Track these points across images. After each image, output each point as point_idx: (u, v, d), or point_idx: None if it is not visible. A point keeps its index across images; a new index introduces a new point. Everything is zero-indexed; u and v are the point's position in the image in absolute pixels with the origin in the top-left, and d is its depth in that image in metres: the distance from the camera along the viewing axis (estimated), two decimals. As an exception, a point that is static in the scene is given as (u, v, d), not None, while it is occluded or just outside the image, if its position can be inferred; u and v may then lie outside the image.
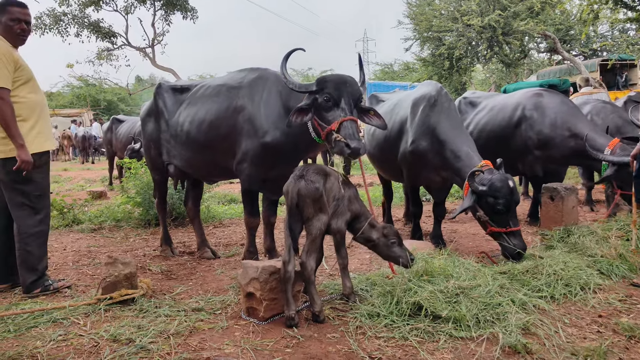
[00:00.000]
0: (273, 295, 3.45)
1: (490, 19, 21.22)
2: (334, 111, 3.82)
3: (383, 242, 3.74)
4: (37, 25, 28.65)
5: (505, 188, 4.40)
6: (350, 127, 3.73)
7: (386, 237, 3.73)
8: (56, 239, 6.61)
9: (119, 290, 3.74)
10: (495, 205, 4.42)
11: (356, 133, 3.73)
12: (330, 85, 3.86)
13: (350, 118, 3.76)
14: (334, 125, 3.74)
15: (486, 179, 4.45)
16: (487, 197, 4.42)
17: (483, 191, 4.42)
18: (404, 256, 3.74)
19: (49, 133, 4.29)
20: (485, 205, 4.46)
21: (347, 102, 3.83)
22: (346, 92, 3.85)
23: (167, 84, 5.46)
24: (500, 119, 6.25)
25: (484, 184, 4.43)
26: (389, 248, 3.75)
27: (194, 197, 5.76)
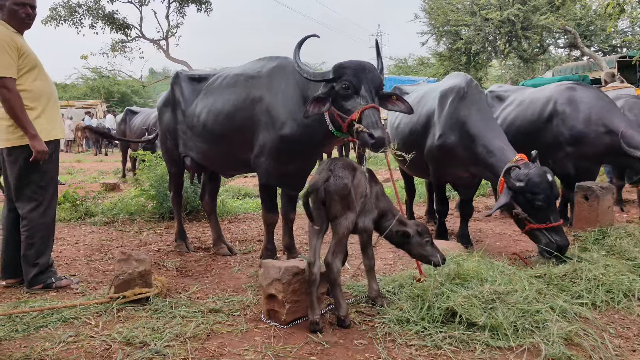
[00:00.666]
0: (296, 297, 3.23)
1: (509, 13, 20.80)
2: (354, 100, 3.56)
3: (417, 240, 3.50)
4: (52, 16, 28.68)
5: (544, 182, 4.14)
6: (372, 115, 3.46)
7: (420, 235, 3.50)
8: (68, 232, 6.46)
9: (132, 288, 3.55)
10: (534, 201, 4.16)
11: (379, 121, 3.48)
12: (349, 72, 3.60)
13: (372, 106, 3.49)
14: (354, 114, 3.48)
15: (523, 174, 4.20)
16: (525, 193, 4.16)
17: (521, 187, 4.16)
18: (437, 255, 3.50)
19: (56, 121, 4.10)
20: (524, 202, 4.20)
21: (367, 89, 3.56)
22: (366, 78, 3.59)
23: (184, 72, 5.25)
24: (530, 113, 5.96)
25: (521, 180, 4.18)
26: (422, 247, 3.51)
27: (211, 191, 5.56)
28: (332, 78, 3.64)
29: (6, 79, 3.71)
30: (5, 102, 3.74)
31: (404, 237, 3.51)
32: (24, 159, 3.87)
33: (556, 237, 4.22)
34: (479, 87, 4.96)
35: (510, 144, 4.63)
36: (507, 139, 4.62)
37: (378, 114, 3.51)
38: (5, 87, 3.71)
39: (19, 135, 3.85)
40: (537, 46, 23.98)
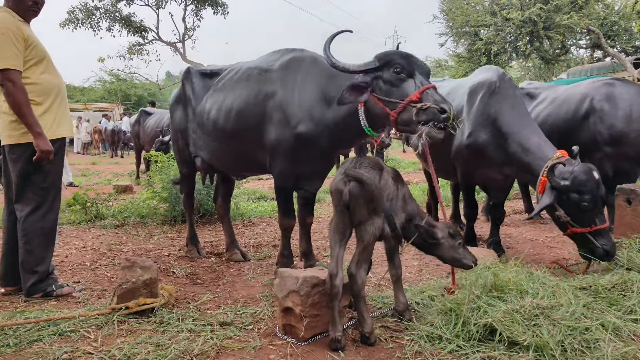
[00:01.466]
0: (315, 311, 2.90)
1: (531, 13, 20.29)
2: (409, 82, 3.31)
3: (449, 243, 3.17)
4: (69, 19, 28.81)
5: (592, 181, 3.77)
6: (435, 93, 3.25)
7: (452, 238, 3.16)
8: (77, 235, 6.21)
9: (136, 298, 3.25)
10: (580, 202, 3.78)
11: (445, 98, 3.25)
12: (398, 57, 3.37)
13: (432, 85, 3.28)
14: (414, 95, 3.20)
15: (567, 171, 3.82)
16: (571, 192, 3.78)
17: (566, 186, 3.78)
18: (469, 258, 3.19)
19: (64, 119, 3.82)
20: (568, 203, 3.82)
21: (421, 72, 3.35)
22: (417, 64, 3.37)
23: (196, 68, 4.96)
24: (564, 111, 5.56)
25: (565, 178, 3.80)
26: (454, 250, 3.18)
27: (224, 194, 5.26)
28: (377, 67, 3.38)
29: (11, 71, 3.44)
30: (9, 97, 3.46)
31: (435, 241, 3.17)
32: (26, 157, 3.60)
33: (602, 242, 3.83)
34: (513, 82, 4.58)
35: (545, 142, 4.25)
36: (544, 136, 4.24)
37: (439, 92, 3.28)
38: (10, 80, 3.43)
39: (22, 132, 3.58)
40: (558, 47, 23.39)
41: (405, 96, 3.26)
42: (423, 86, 3.25)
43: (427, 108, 3.15)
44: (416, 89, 3.24)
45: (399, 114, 3.29)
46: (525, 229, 6.22)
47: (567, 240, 5.52)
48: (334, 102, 3.67)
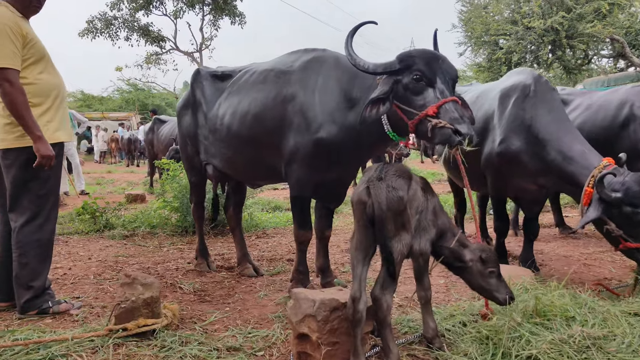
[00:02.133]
0: (334, 338, 2.56)
1: (553, 21, 19.86)
2: (428, 92, 2.93)
3: (478, 269, 2.78)
4: (88, 29, 29.06)
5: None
6: (454, 109, 2.84)
7: (484, 264, 2.77)
8: (83, 246, 5.96)
9: (136, 319, 2.94)
10: (634, 215, 3.39)
11: (465, 116, 2.85)
12: (420, 60, 2.97)
13: (452, 99, 2.87)
14: (430, 109, 2.84)
15: (617, 182, 3.44)
16: (623, 205, 3.40)
17: (618, 199, 3.40)
18: (502, 291, 2.77)
19: (63, 122, 3.54)
20: (619, 216, 3.43)
21: (443, 80, 2.94)
22: (440, 69, 2.97)
23: (206, 70, 4.67)
24: (600, 118, 5.17)
25: (616, 190, 3.42)
26: (484, 278, 2.78)
27: (236, 203, 4.94)
28: (397, 69, 3.01)
29: (8, 70, 3.17)
30: (6, 97, 3.19)
31: (462, 264, 2.81)
32: (20, 163, 3.33)
33: None
34: (550, 84, 4.22)
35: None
36: (587, 143, 3.87)
37: (461, 108, 2.89)
38: (7, 80, 3.17)
39: (16, 135, 3.31)
40: (581, 56, 22.88)
41: (422, 108, 2.91)
42: (442, 99, 2.87)
43: (442, 127, 2.79)
44: (435, 101, 2.89)
45: (416, 126, 2.95)
46: (557, 245, 5.81)
47: (605, 257, 5.16)
48: (357, 103, 3.36)
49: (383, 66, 3.08)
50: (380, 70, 3.08)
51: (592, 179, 3.53)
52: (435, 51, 3.13)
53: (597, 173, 3.51)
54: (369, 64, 3.12)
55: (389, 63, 3.06)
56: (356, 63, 3.16)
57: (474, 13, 23.66)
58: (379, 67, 3.09)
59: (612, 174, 3.44)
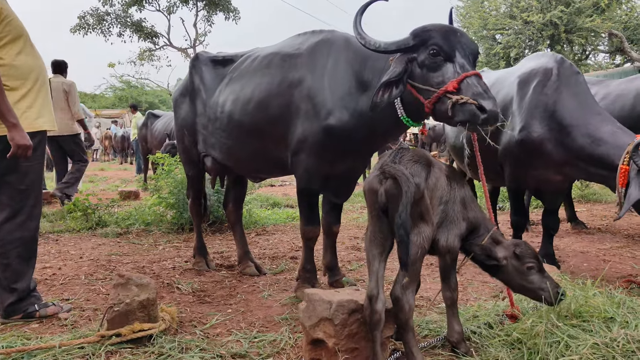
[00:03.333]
0: (353, 344, 2.30)
1: (552, 15, 19.67)
2: (447, 68, 2.67)
3: (514, 266, 2.52)
4: (80, 25, 28.64)
5: None
6: (478, 84, 2.57)
7: (519, 260, 2.51)
8: (74, 244, 5.67)
9: (130, 323, 2.67)
10: None
11: (489, 91, 2.57)
12: (436, 34, 2.71)
13: (474, 73, 2.61)
14: (451, 84, 2.57)
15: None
16: None
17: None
18: (547, 288, 2.49)
19: (45, 109, 3.23)
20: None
21: (463, 55, 2.68)
22: (459, 42, 2.71)
23: (205, 54, 4.38)
24: (618, 108, 4.92)
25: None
26: (523, 275, 2.51)
27: (236, 198, 4.66)
28: (412, 46, 2.75)
29: None
30: None
31: (494, 262, 2.55)
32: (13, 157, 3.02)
33: None
34: (575, 67, 3.95)
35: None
36: (618, 122, 3.61)
37: (484, 83, 2.61)
38: None
39: None
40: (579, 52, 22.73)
41: (441, 84, 2.65)
42: (463, 73, 2.62)
43: (464, 103, 2.53)
44: (455, 76, 2.63)
45: (434, 105, 2.68)
46: (571, 240, 5.57)
47: (625, 252, 4.93)
48: (369, 87, 3.09)
49: (396, 44, 2.81)
50: (393, 49, 2.82)
51: (627, 155, 3.25)
52: (452, 26, 2.88)
53: (631, 149, 3.24)
54: (380, 42, 2.86)
55: (403, 40, 2.80)
56: (366, 42, 2.89)
57: (472, 8, 23.44)
58: (391, 45, 2.82)
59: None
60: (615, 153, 3.36)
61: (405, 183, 2.19)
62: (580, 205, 8.08)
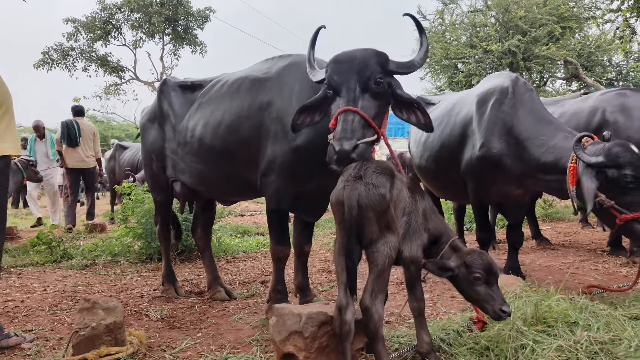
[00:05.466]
0: (324, 357, 2.32)
1: (510, 44, 20.43)
2: (335, 102, 2.79)
3: (463, 274, 2.53)
4: (44, 60, 28.29)
5: (630, 152, 3.21)
6: (343, 121, 2.62)
7: (467, 269, 2.51)
8: (38, 277, 5.51)
9: (97, 347, 2.62)
10: (621, 179, 3.19)
11: (349, 130, 2.57)
12: (332, 66, 2.83)
13: (344, 109, 2.65)
14: (332, 122, 2.70)
15: (598, 147, 3.30)
16: (608, 169, 3.22)
17: (599, 162, 3.22)
18: (494, 302, 2.46)
19: (8, 133, 3.18)
20: (608, 184, 3.24)
21: (349, 87, 2.74)
22: (350, 72, 2.76)
23: (174, 80, 4.41)
24: (573, 126, 5.10)
25: (597, 154, 3.26)
26: (470, 285, 2.52)
27: (204, 223, 4.63)
28: (324, 78, 2.89)
29: None
30: None
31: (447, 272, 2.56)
32: None
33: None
34: (528, 85, 4.13)
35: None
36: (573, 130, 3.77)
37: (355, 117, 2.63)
38: None
39: None
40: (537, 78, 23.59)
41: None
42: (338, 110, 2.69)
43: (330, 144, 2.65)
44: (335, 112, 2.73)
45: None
46: (536, 256, 5.70)
47: (587, 265, 5.07)
48: None
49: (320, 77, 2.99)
50: (317, 81, 3.03)
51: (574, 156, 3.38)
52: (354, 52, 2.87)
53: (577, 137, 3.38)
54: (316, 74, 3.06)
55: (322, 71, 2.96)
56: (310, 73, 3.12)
57: (433, 38, 24.13)
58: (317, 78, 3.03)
59: (590, 137, 3.32)
60: (567, 155, 3.49)
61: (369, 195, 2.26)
62: (544, 223, 8.30)
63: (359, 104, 2.69)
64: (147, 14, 27.98)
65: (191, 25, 29.37)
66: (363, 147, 2.56)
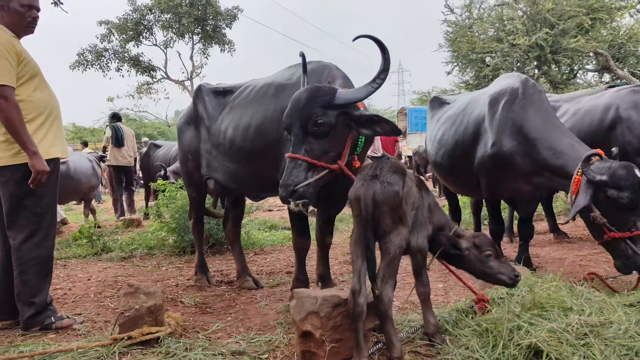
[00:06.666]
0: (337, 335, 2.60)
1: (537, 38, 20.24)
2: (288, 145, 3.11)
3: (475, 255, 2.87)
4: (79, 61, 29.27)
5: (632, 176, 3.44)
6: (286, 168, 2.97)
7: (478, 249, 2.87)
8: (82, 268, 5.96)
9: (140, 327, 2.97)
10: (618, 200, 3.43)
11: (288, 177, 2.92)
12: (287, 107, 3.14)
13: (287, 156, 2.99)
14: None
15: (604, 166, 3.53)
16: (608, 188, 3.46)
17: (602, 181, 3.46)
18: (505, 272, 2.86)
19: (58, 139, 3.61)
20: (605, 202, 3.49)
21: (294, 131, 3.03)
22: (295, 115, 3.04)
23: (208, 86, 4.78)
24: (587, 122, 5.30)
25: (602, 173, 3.50)
26: (483, 263, 2.87)
27: (235, 218, 5.00)
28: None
29: (4, 87, 3.24)
30: (2, 114, 3.24)
31: (458, 252, 2.89)
32: (16, 180, 3.37)
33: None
34: (538, 86, 4.34)
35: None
36: (576, 137, 3.99)
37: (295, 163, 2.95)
38: (3, 96, 3.23)
39: (12, 153, 3.37)
40: (566, 71, 23.31)
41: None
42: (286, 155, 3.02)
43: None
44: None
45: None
46: (552, 249, 5.87)
47: (600, 258, 5.22)
48: None
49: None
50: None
51: (581, 167, 3.61)
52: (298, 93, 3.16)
53: (586, 155, 3.60)
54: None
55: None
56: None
57: (460, 33, 24.05)
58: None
59: (598, 155, 3.53)
60: (572, 164, 3.74)
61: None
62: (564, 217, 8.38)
63: (303, 149, 2.96)
64: (177, 14, 28.63)
65: (220, 25, 29.91)
66: (302, 190, 2.89)
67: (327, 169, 2.99)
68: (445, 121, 5.20)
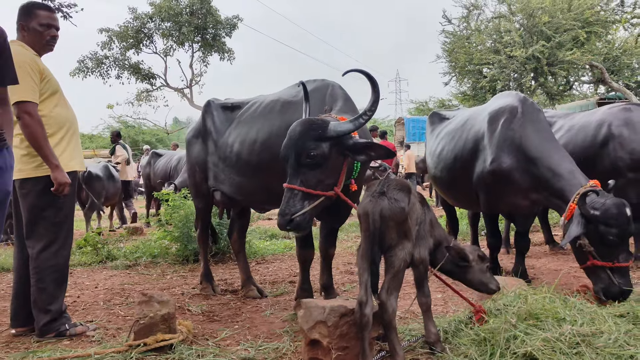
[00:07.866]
0: (344, 343, 2.75)
1: (534, 50, 20.52)
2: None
3: (479, 266, 3.14)
4: (79, 68, 29.42)
5: (623, 215, 3.64)
6: (284, 197, 3.16)
7: (482, 260, 3.14)
8: (88, 276, 6.09)
9: (154, 334, 3.11)
10: (606, 235, 3.64)
11: (285, 207, 3.10)
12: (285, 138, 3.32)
13: (285, 186, 3.17)
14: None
15: (599, 202, 3.71)
16: (599, 224, 3.65)
17: (595, 216, 3.66)
18: (494, 283, 3.21)
19: (76, 152, 3.78)
20: (594, 234, 3.69)
21: (290, 163, 3.20)
22: (290, 147, 3.21)
23: (216, 101, 4.95)
24: (581, 139, 5.48)
25: (596, 208, 3.69)
26: (483, 273, 3.16)
27: (240, 228, 5.15)
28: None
29: (28, 103, 3.40)
30: (26, 129, 3.41)
31: (466, 264, 3.13)
32: (36, 192, 3.54)
33: (620, 280, 3.69)
34: (536, 105, 4.53)
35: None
36: (575, 163, 4.17)
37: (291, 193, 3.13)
38: (27, 112, 3.39)
39: (33, 165, 3.53)
40: (563, 82, 23.60)
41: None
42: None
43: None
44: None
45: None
46: (548, 260, 6.04)
47: (594, 269, 5.38)
48: None
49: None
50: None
51: (577, 196, 3.79)
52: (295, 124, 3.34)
53: (582, 191, 3.78)
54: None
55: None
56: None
57: (457, 44, 24.35)
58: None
59: (595, 193, 3.72)
60: (571, 190, 3.93)
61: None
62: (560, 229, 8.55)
63: (299, 179, 3.14)
64: (178, 23, 28.86)
65: (220, 33, 30.14)
66: (299, 219, 3.08)
67: (322, 197, 3.17)
68: (445, 136, 5.38)
